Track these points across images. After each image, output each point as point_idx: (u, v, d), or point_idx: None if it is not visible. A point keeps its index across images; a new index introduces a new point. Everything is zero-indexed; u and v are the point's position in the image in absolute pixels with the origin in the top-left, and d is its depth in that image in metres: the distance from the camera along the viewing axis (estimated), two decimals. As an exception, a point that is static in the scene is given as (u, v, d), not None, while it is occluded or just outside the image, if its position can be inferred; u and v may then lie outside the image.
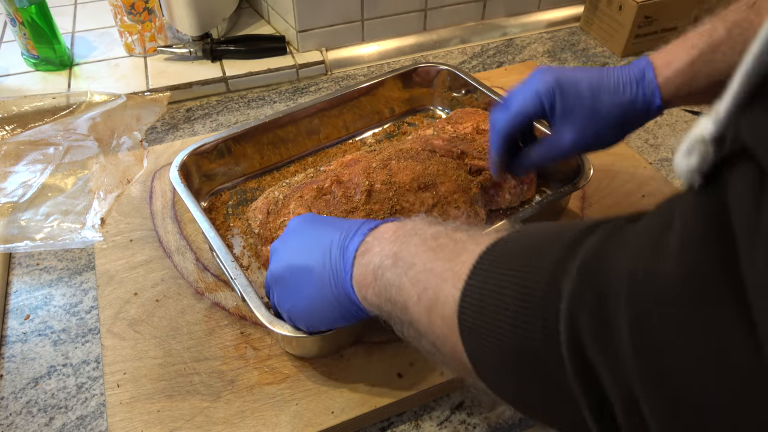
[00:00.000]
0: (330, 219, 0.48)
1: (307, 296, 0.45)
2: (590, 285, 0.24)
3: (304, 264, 0.45)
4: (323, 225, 0.46)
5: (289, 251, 0.47)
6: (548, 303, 0.26)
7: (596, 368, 0.24)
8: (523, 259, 0.30)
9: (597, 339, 0.23)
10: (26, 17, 0.86)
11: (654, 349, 0.21)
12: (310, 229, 0.47)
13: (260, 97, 0.92)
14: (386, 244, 0.39)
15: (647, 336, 0.21)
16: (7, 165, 0.75)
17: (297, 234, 0.48)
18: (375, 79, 0.78)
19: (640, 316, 0.22)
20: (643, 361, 0.21)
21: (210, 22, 0.94)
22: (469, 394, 0.56)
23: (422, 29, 1.03)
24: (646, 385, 0.21)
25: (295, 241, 0.47)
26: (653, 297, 0.21)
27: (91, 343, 0.58)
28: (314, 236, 0.46)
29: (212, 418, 0.51)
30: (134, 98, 0.85)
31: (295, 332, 0.48)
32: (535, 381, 0.28)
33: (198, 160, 0.68)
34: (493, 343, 0.30)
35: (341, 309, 0.44)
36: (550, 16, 1.11)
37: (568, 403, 0.26)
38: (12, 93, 0.87)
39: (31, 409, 0.53)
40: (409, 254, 0.37)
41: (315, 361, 0.55)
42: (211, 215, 0.68)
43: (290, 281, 0.46)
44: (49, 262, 0.66)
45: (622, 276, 0.23)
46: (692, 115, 0.90)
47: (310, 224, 0.48)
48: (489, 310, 0.30)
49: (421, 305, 0.35)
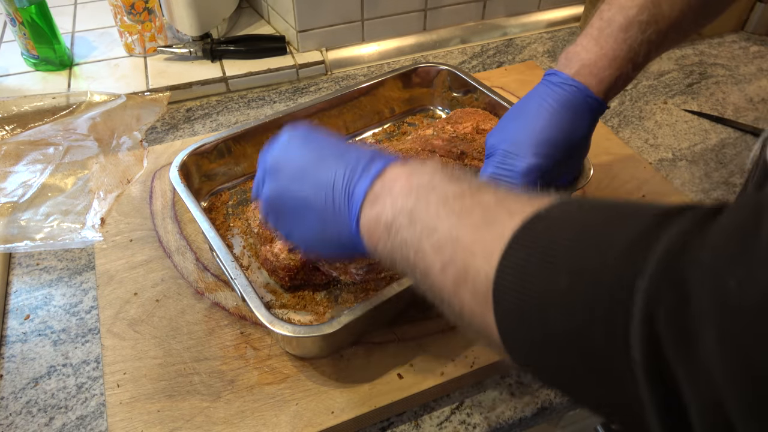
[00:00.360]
0: (330, 143, 0.44)
1: (306, 228, 0.43)
2: (672, 284, 0.23)
3: (303, 197, 0.42)
4: (324, 151, 0.43)
5: (286, 177, 0.43)
6: (616, 296, 0.24)
7: (674, 372, 0.22)
8: (581, 241, 0.27)
9: (679, 344, 0.22)
10: (26, 17, 0.86)
11: (748, 364, 0.20)
12: (309, 152, 0.43)
13: (260, 97, 0.92)
14: (399, 198, 0.37)
15: (740, 352, 0.20)
16: (7, 165, 0.75)
17: (294, 156, 0.44)
18: (375, 79, 0.78)
19: (732, 331, 0.20)
20: (734, 378, 0.20)
21: (210, 22, 0.94)
22: (469, 394, 0.56)
23: (422, 29, 1.03)
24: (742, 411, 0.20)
25: (293, 166, 0.43)
26: (747, 310, 0.20)
27: (91, 343, 0.59)
28: (315, 165, 0.42)
29: (212, 418, 0.51)
30: (134, 98, 0.85)
31: (295, 332, 0.48)
32: (586, 370, 0.27)
33: (198, 160, 0.68)
34: (535, 328, 0.28)
35: (343, 248, 0.42)
36: (550, 16, 1.11)
37: (623, 396, 0.25)
38: (12, 93, 0.87)
39: (31, 409, 0.53)
40: (428, 215, 0.35)
41: (315, 361, 0.55)
42: (211, 215, 0.68)
43: (288, 211, 0.44)
44: (49, 262, 0.66)
45: (709, 279, 0.21)
46: (692, 115, 0.90)
47: (309, 146, 0.44)
48: (532, 295, 0.28)
49: (447, 276, 0.33)
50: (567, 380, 0.29)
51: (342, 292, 0.60)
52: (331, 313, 0.58)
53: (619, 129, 0.87)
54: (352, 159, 0.41)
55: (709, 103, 0.93)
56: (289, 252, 0.57)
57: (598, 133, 0.82)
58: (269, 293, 0.60)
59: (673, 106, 0.92)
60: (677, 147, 0.84)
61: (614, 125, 0.88)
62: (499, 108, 0.75)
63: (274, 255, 0.58)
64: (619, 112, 0.91)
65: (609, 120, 0.89)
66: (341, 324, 0.49)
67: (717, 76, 0.99)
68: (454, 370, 0.54)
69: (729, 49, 1.06)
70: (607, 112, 0.90)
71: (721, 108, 0.92)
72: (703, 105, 0.93)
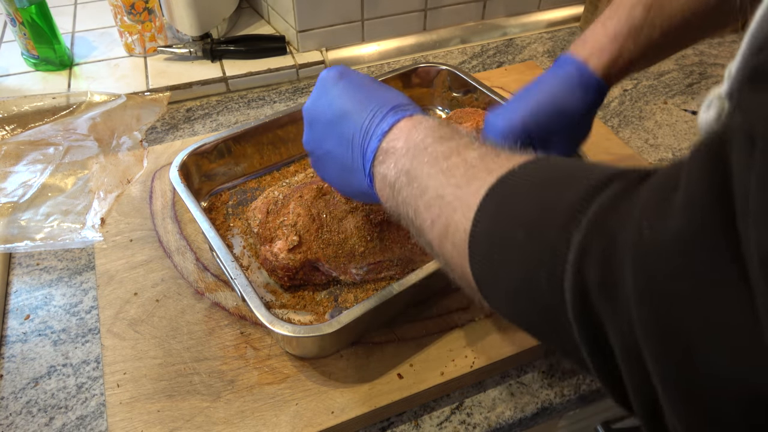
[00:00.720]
0: (357, 90, 0.46)
1: (336, 176, 0.48)
2: (599, 237, 0.26)
3: (329, 149, 0.47)
4: (348, 103, 0.46)
5: (316, 130, 0.48)
6: (557, 248, 0.27)
7: (599, 314, 0.25)
8: (536, 199, 0.31)
9: (602, 288, 0.25)
10: (26, 17, 0.86)
11: (657, 299, 0.22)
12: (336, 104, 0.46)
13: (260, 97, 0.92)
14: (400, 158, 0.40)
15: (651, 287, 0.22)
16: (7, 165, 0.75)
17: (323, 107, 0.47)
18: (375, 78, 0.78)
19: (644, 268, 0.23)
20: (645, 310, 0.23)
21: (210, 22, 0.94)
22: (469, 395, 0.56)
23: (422, 29, 1.03)
24: (648, 332, 0.23)
25: (321, 118, 0.47)
26: (657, 250, 0.23)
27: (91, 343, 0.59)
28: (338, 119, 0.46)
29: (212, 418, 0.51)
30: (134, 98, 0.85)
31: (295, 332, 0.49)
32: (537, 313, 0.31)
33: (198, 160, 0.68)
34: (500, 274, 0.32)
35: (368, 198, 0.46)
36: (550, 16, 1.11)
37: (567, 337, 0.27)
38: (12, 93, 0.87)
39: (31, 409, 0.53)
40: (422, 174, 0.38)
41: (315, 361, 0.55)
42: (211, 215, 0.68)
43: (320, 159, 0.49)
44: (49, 262, 0.66)
45: (630, 230, 0.24)
46: (692, 115, 0.90)
47: (337, 97, 0.47)
48: (497, 244, 0.31)
49: (434, 231, 0.37)
50: (531, 326, 0.33)
51: (342, 292, 0.60)
52: (331, 313, 0.58)
53: (619, 129, 0.87)
54: (370, 113, 0.44)
55: (709, 103, 0.93)
56: (289, 252, 0.57)
57: (598, 133, 0.83)
58: (269, 293, 0.60)
59: (673, 106, 0.92)
60: (677, 147, 0.84)
61: (614, 125, 0.88)
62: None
63: (274, 255, 0.58)
64: (619, 112, 0.91)
65: (609, 120, 0.89)
66: (341, 324, 0.49)
67: (717, 76, 0.99)
68: (454, 370, 0.54)
69: (729, 49, 1.06)
70: (607, 112, 0.90)
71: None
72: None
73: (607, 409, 0.82)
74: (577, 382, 0.57)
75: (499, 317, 0.59)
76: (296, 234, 0.58)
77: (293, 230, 0.58)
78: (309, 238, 0.58)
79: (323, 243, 0.58)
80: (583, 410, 0.76)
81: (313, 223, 0.58)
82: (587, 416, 0.80)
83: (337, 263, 0.58)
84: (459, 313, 0.59)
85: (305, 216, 0.58)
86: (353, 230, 0.58)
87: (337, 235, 0.58)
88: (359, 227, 0.58)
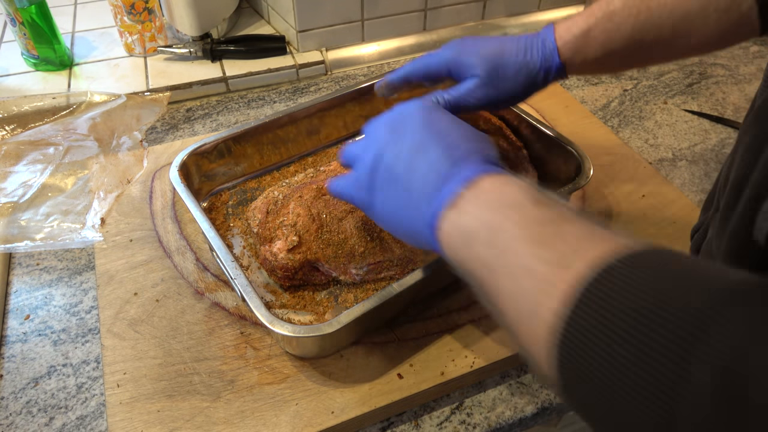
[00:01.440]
0: (444, 127, 0.43)
1: (386, 204, 0.44)
2: (728, 386, 0.22)
3: (396, 174, 0.42)
4: (433, 136, 0.42)
5: (391, 148, 0.44)
6: (676, 384, 0.24)
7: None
8: (644, 316, 0.26)
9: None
10: (26, 17, 0.86)
11: None
12: (421, 131, 0.43)
13: (260, 97, 0.92)
14: (483, 209, 0.36)
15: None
16: (7, 165, 0.75)
17: (408, 129, 0.44)
18: (376, 79, 0.78)
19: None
20: None
21: (210, 22, 0.94)
22: (468, 395, 0.56)
23: (422, 29, 1.03)
24: None
25: (403, 139, 0.43)
26: None
27: (91, 343, 0.59)
28: (420, 146, 0.42)
29: (212, 418, 0.51)
30: (134, 98, 0.85)
31: (295, 332, 0.49)
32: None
33: (198, 160, 0.67)
34: (593, 385, 0.28)
35: (413, 237, 0.43)
36: (550, 16, 1.11)
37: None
38: (12, 93, 0.87)
39: (31, 409, 0.53)
40: (507, 236, 0.34)
41: (315, 361, 0.55)
42: (211, 215, 0.68)
43: (378, 180, 0.44)
44: (49, 262, 0.66)
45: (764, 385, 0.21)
46: (692, 115, 0.90)
47: (424, 125, 0.44)
48: (597, 356, 0.27)
49: (513, 305, 0.33)
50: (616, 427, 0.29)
51: (342, 292, 0.60)
52: (331, 313, 0.58)
53: (619, 129, 0.87)
54: (456, 155, 0.41)
55: (709, 103, 0.93)
56: (288, 252, 0.57)
57: (598, 133, 0.83)
58: (269, 293, 0.60)
59: (673, 106, 0.92)
60: (677, 147, 0.84)
61: (614, 125, 0.88)
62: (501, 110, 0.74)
63: (273, 255, 0.58)
64: (619, 112, 0.91)
65: (609, 120, 0.89)
66: (341, 324, 0.49)
67: (717, 76, 0.99)
68: (454, 370, 0.54)
69: (729, 49, 1.06)
70: (607, 112, 0.90)
71: (721, 108, 0.92)
72: (703, 105, 0.93)
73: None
74: (577, 382, 0.57)
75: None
76: (296, 234, 0.58)
77: (293, 230, 0.58)
78: (309, 238, 0.58)
79: (323, 243, 0.58)
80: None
81: (313, 223, 0.58)
82: (587, 416, 0.80)
83: (337, 263, 0.58)
84: (459, 313, 0.59)
85: (305, 216, 0.58)
86: (353, 230, 0.58)
87: (337, 236, 0.58)
88: (359, 227, 0.58)
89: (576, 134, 0.82)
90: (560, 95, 0.90)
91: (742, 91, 0.95)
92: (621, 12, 0.51)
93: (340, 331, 0.49)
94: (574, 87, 0.95)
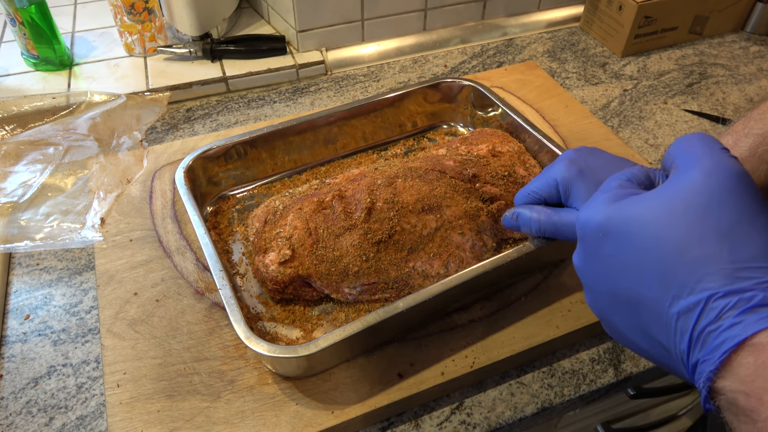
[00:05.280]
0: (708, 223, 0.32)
1: (622, 326, 0.36)
2: None
3: (630, 293, 0.34)
4: (694, 239, 0.32)
5: (618, 251, 0.35)
6: None
7: None
8: None
9: None
10: (26, 17, 0.86)
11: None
12: (670, 228, 0.33)
13: (260, 97, 0.92)
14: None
15: None
16: (7, 165, 0.75)
17: (646, 227, 0.34)
18: (398, 91, 0.76)
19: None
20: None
21: (210, 22, 0.94)
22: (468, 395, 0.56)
23: (422, 29, 1.03)
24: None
25: (639, 239, 0.34)
26: None
27: (91, 343, 0.59)
28: (676, 251, 0.32)
29: (212, 418, 0.51)
30: (134, 98, 0.85)
31: (270, 351, 0.47)
32: None
33: (205, 163, 0.67)
34: None
35: (669, 369, 0.34)
36: (550, 16, 1.11)
37: None
38: (12, 93, 0.87)
39: (31, 409, 0.53)
40: None
41: (315, 361, 0.55)
42: (216, 219, 0.68)
43: (600, 290, 0.37)
44: (49, 262, 0.66)
45: None
46: (692, 115, 0.90)
47: (671, 221, 0.33)
48: None
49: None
50: None
51: (334, 310, 0.59)
52: (320, 331, 0.57)
53: (619, 129, 0.87)
54: (732, 276, 0.30)
55: (709, 103, 0.93)
56: (279, 265, 0.56)
57: (598, 133, 0.83)
58: (261, 304, 0.60)
59: (673, 106, 0.92)
60: (677, 147, 0.84)
61: (614, 125, 0.88)
62: (521, 130, 0.71)
63: (265, 266, 0.57)
64: (619, 112, 0.91)
65: (609, 120, 0.89)
66: (318, 348, 0.47)
67: (717, 76, 0.99)
68: (454, 370, 0.54)
69: (729, 49, 1.06)
70: (607, 112, 0.90)
71: (721, 108, 0.92)
72: (703, 105, 0.93)
73: (607, 409, 0.83)
74: (577, 382, 0.57)
75: (499, 317, 0.59)
76: (290, 248, 0.56)
77: (287, 243, 0.57)
78: (302, 252, 0.56)
79: (316, 259, 0.56)
80: (583, 410, 0.77)
81: (309, 237, 0.57)
82: (587, 416, 0.80)
83: (329, 281, 0.56)
84: (459, 313, 0.59)
85: (302, 229, 0.57)
86: (349, 248, 0.56)
87: (331, 252, 0.56)
88: (355, 246, 0.56)
89: (576, 134, 0.82)
90: (560, 95, 0.90)
91: (742, 91, 0.95)
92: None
93: (320, 354, 0.47)
94: (574, 87, 0.95)
